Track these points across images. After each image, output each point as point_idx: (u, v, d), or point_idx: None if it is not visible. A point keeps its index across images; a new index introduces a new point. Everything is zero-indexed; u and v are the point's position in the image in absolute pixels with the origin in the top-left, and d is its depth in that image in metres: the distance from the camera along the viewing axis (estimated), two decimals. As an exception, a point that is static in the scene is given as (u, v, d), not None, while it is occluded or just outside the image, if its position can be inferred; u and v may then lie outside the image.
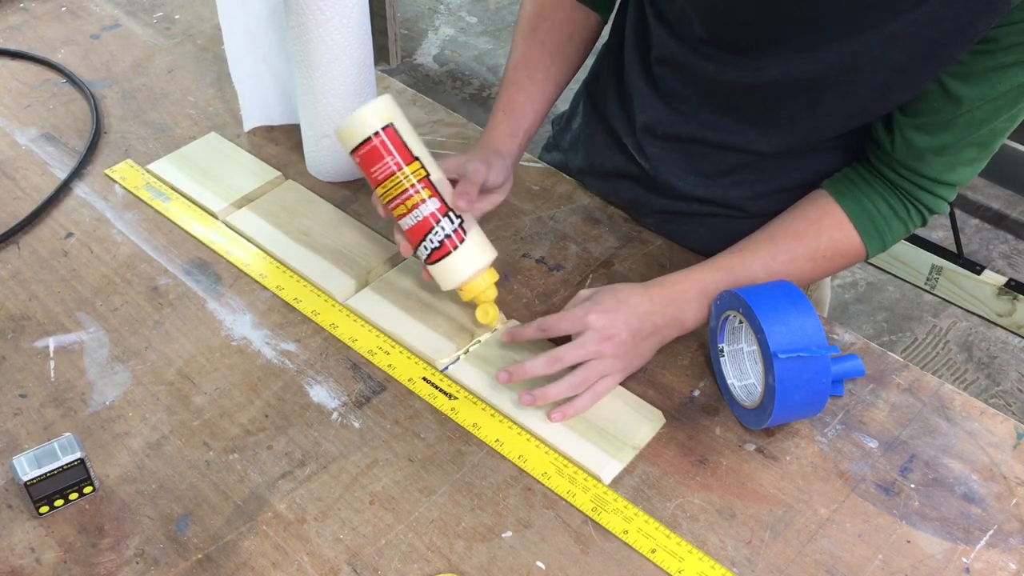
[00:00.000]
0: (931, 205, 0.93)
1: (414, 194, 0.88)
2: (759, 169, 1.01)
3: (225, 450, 0.86)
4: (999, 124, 0.86)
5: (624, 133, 1.09)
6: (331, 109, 1.06)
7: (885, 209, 0.93)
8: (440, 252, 0.90)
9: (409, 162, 0.88)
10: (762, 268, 0.93)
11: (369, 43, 1.06)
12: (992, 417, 0.91)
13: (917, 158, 0.89)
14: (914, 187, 0.92)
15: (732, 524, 0.82)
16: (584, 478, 0.84)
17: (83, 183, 1.12)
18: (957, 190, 0.93)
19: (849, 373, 0.88)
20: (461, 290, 0.92)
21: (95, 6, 1.41)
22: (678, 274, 0.93)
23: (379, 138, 0.87)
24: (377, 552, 0.79)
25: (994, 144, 0.89)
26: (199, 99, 1.25)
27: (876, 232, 0.93)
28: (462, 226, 0.90)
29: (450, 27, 3.24)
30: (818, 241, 0.93)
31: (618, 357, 0.88)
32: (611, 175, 1.12)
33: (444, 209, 0.89)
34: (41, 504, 0.80)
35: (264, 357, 0.94)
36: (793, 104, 0.93)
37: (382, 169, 0.88)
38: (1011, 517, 0.83)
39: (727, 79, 0.94)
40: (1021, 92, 0.83)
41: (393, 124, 0.88)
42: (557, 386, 0.87)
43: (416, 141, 0.90)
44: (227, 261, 1.04)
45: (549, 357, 0.88)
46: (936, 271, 2.30)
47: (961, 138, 0.87)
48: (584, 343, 0.87)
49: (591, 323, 0.88)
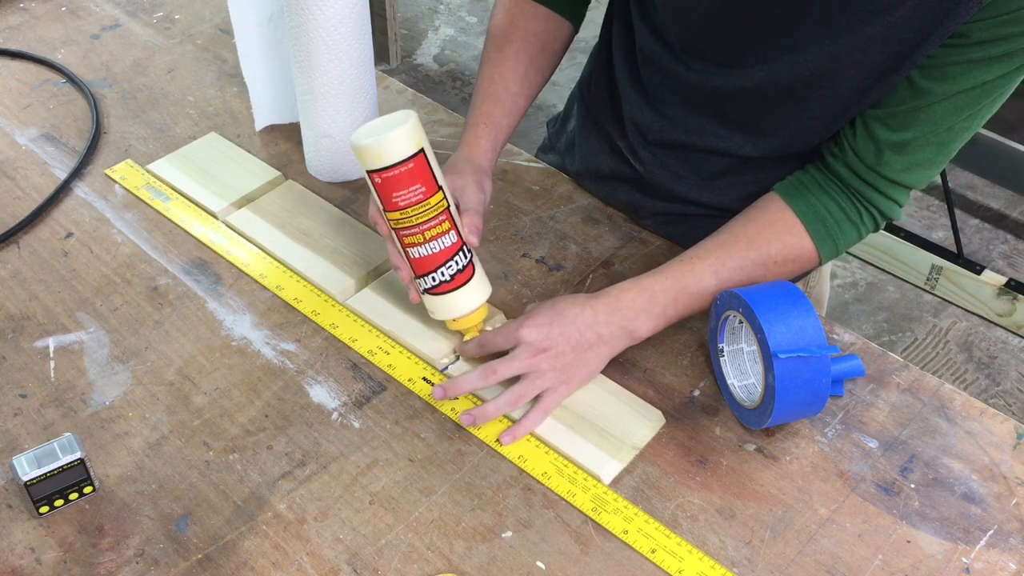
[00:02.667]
0: (884, 209, 0.92)
1: (436, 225, 0.85)
2: (753, 170, 1.01)
3: (225, 450, 0.86)
4: (958, 123, 0.85)
5: (617, 136, 1.09)
6: (331, 109, 1.06)
7: (837, 212, 0.92)
8: (449, 285, 0.88)
9: (434, 192, 0.84)
10: (712, 275, 0.91)
11: (369, 43, 1.06)
12: (992, 417, 0.91)
13: (876, 155, 0.89)
14: (869, 188, 0.91)
15: (732, 524, 0.82)
16: (584, 478, 0.84)
17: (83, 183, 1.12)
18: (908, 195, 0.92)
19: (849, 373, 0.88)
20: (454, 321, 0.91)
21: (95, 6, 1.41)
22: (626, 283, 0.92)
23: (408, 164, 0.82)
24: (377, 552, 0.79)
25: (952, 146, 0.88)
26: (199, 99, 1.25)
27: (829, 236, 0.92)
28: (472, 262, 0.89)
29: (450, 27, 3.24)
30: (769, 247, 0.92)
31: (557, 370, 0.87)
32: (608, 178, 1.12)
33: (460, 243, 0.88)
34: (41, 504, 0.80)
35: (264, 357, 0.94)
36: (777, 109, 0.93)
37: (406, 196, 0.83)
38: (1011, 517, 0.83)
39: (710, 86, 0.94)
40: (984, 91, 0.83)
41: (424, 150, 0.84)
42: (494, 403, 0.87)
43: (438, 167, 0.86)
44: (227, 261, 1.04)
45: (483, 369, 0.87)
46: (936, 271, 2.30)
47: (920, 134, 0.86)
48: (517, 356, 0.87)
49: (523, 336, 0.87)
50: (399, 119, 0.84)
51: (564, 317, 0.88)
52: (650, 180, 1.06)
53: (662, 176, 1.05)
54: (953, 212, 2.24)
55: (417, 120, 0.84)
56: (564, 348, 0.87)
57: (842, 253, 0.95)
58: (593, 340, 0.88)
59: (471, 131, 1.01)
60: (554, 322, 0.88)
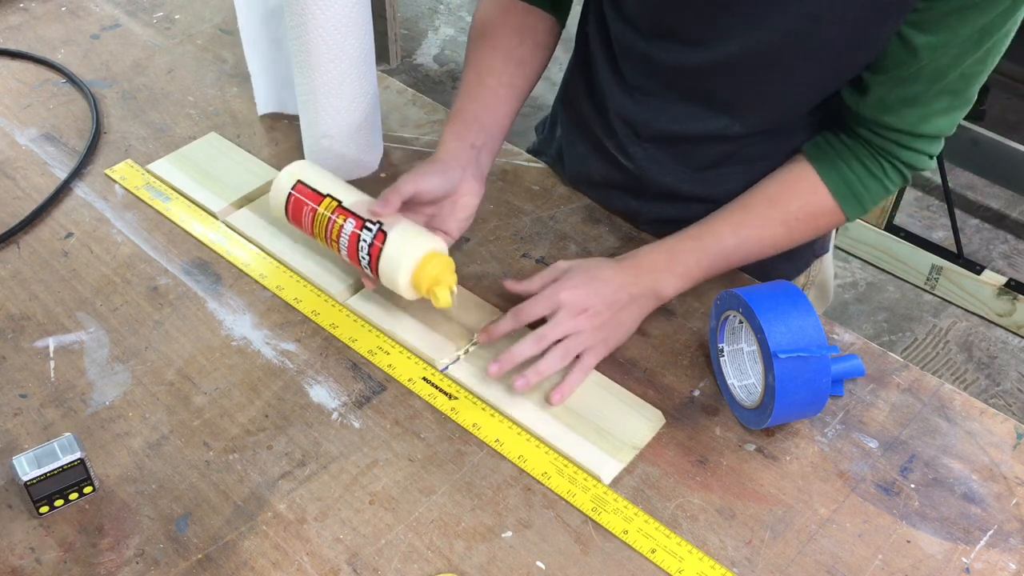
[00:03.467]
0: (910, 160, 0.91)
1: (334, 222, 0.94)
2: (743, 159, 1.00)
3: (225, 450, 0.86)
4: (967, 69, 0.84)
5: (604, 135, 1.08)
6: (331, 109, 1.06)
7: (859, 169, 0.92)
8: (373, 261, 0.91)
9: (319, 201, 0.95)
10: (732, 233, 0.94)
11: (370, 43, 1.05)
12: (992, 417, 0.91)
13: (888, 112, 0.88)
14: (889, 143, 0.91)
15: (732, 524, 0.82)
16: (584, 478, 0.84)
17: (83, 183, 1.12)
18: (941, 142, 0.91)
19: (849, 373, 0.88)
20: (415, 290, 0.91)
21: (95, 6, 1.41)
22: (650, 245, 0.96)
23: (293, 195, 0.97)
24: (377, 552, 0.79)
25: (968, 90, 0.87)
26: (199, 99, 1.25)
27: (851, 193, 0.93)
28: (381, 230, 0.91)
29: (450, 27, 3.24)
30: (790, 204, 0.94)
31: (596, 329, 0.90)
32: (601, 185, 1.12)
33: (361, 223, 0.92)
34: (41, 504, 0.80)
35: (264, 357, 0.94)
36: (757, 80, 0.92)
37: (307, 218, 0.96)
38: (1011, 517, 0.83)
39: (687, 66, 0.94)
40: (983, 35, 0.81)
41: (301, 180, 0.97)
42: (545, 361, 0.89)
43: (328, 181, 0.97)
44: (227, 261, 1.04)
45: (535, 337, 0.89)
46: (936, 271, 2.30)
47: (929, 87, 0.85)
48: (561, 320, 0.89)
49: (563, 301, 0.90)
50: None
51: (599, 280, 0.92)
52: (641, 178, 1.06)
53: (653, 171, 1.05)
54: (953, 212, 2.25)
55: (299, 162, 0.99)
56: (601, 308, 0.91)
57: (871, 209, 0.95)
58: (626, 300, 0.92)
59: (443, 132, 1.01)
60: (590, 284, 0.91)
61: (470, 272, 1.03)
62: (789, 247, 0.98)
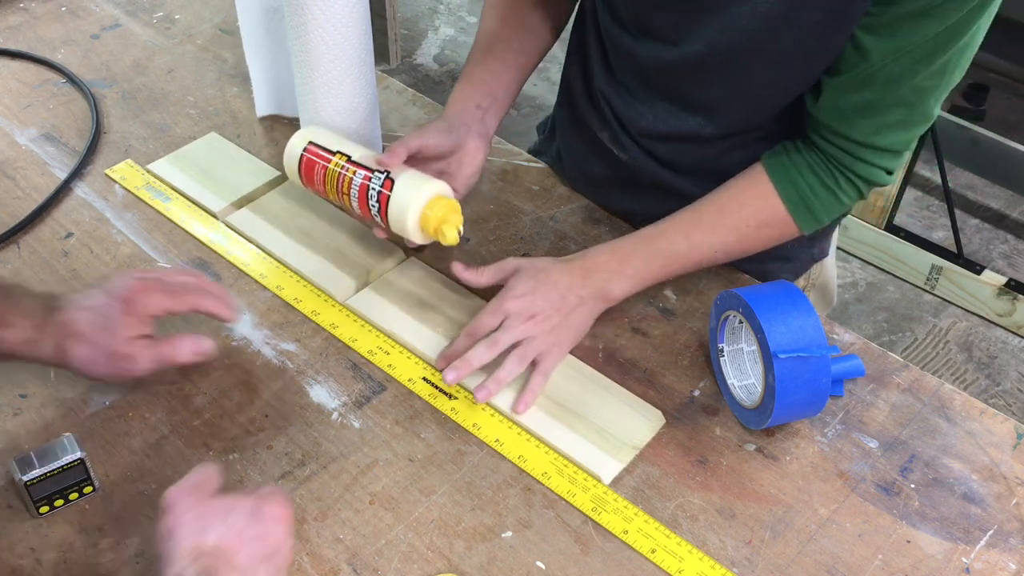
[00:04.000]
0: (864, 174, 0.90)
1: (344, 176, 0.95)
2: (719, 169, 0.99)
3: (225, 450, 0.86)
4: (922, 82, 0.83)
5: (599, 128, 1.08)
6: (331, 109, 1.06)
7: (812, 179, 0.92)
8: (383, 207, 0.93)
9: (330, 158, 0.97)
10: (684, 238, 0.94)
11: (370, 43, 1.05)
12: (992, 417, 0.91)
13: (842, 120, 0.88)
14: (842, 153, 0.90)
15: (732, 524, 0.82)
16: (584, 478, 0.84)
17: (83, 183, 1.12)
18: (900, 158, 0.90)
19: (849, 373, 0.88)
20: (423, 232, 0.93)
21: (95, 6, 1.41)
22: (600, 247, 0.96)
23: (305, 156, 0.99)
24: (377, 552, 0.79)
25: (923, 104, 0.86)
26: (199, 99, 1.25)
27: (802, 201, 0.92)
28: (389, 177, 0.93)
29: (450, 27, 3.24)
30: (741, 211, 0.94)
31: (548, 333, 0.91)
32: (599, 182, 1.12)
33: (369, 174, 0.94)
34: (41, 504, 0.80)
35: (264, 357, 0.94)
36: (722, 80, 0.93)
37: (319, 175, 0.97)
38: (1011, 517, 0.83)
39: (661, 63, 0.95)
40: (937, 45, 0.81)
41: (312, 141, 0.99)
42: (503, 369, 0.89)
43: (336, 140, 0.99)
44: (227, 261, 1.04)
45: (488, 342, 0.90)
46: (936, 271, 2.30)
47: (882, 96, 0.85)
48: (510, 326, 0.90)
49: (509, 309, 0.91)
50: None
51: (545, 284, 0.92)
52: (635, 169, 1.06)
53: (648, 166, 1.05)
54: (953, 212, 2.25)
55: (308, 127, 1.02)
56: (550, 312, 0.91)
57: (825, 222, 0.94)
58: (575, 303, 0.92)
59: (453, 89, 1.05)
60: (536, 290, 0.92)
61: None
62: (743, 255, 0.97)
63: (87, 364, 0.83)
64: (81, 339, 0.82)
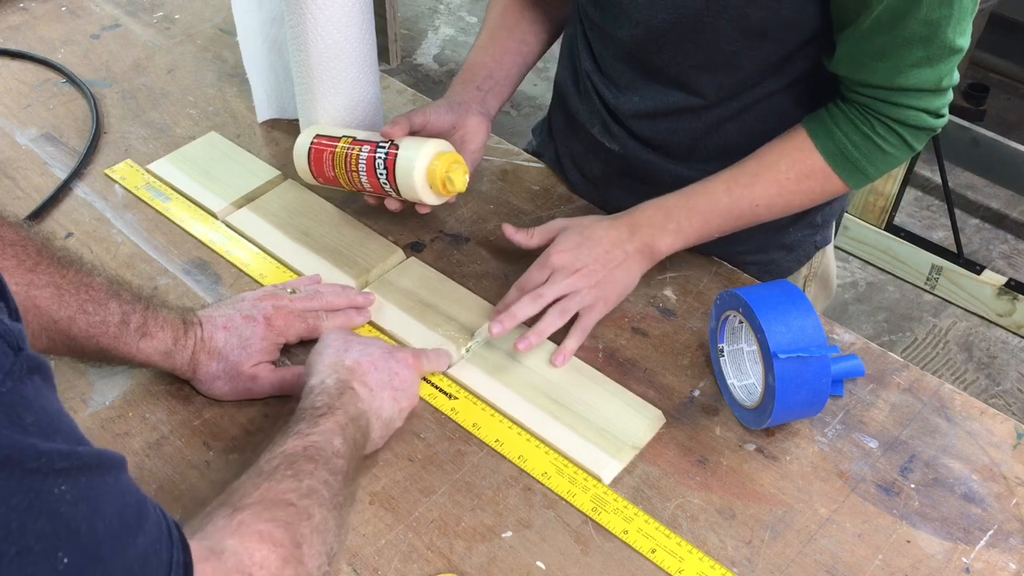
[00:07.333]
0: (900, 117, 0.89)
1: (351, 152, 0.99)
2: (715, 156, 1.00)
3: (225, 450, 0.86)
4: (929, 14, 0.81)
5: (590, 123, 1.09)
6: (331, 109, 1.06)
7: (847, 127, 0.91)
8: (390, 172, 0.96)
9: (336, 142, 1.02)
10: (725, 193, 0.95)
11: (372, 42, 1.05)
12: (992, 417, 0.91)
13: (861, 68, 0.87)
14: (871, 100, 0.89)
15: (732, 524, 0.82)
16: (584, 478, 0.84)
17: (83, 183, 1.12)
18: (942, 96, 0.89)
19: (849, 373, 0.88)
20: (431, 188, 0.96)
21: (95, 6, 1.41)
22: (646, 203, 0.98)
23: (313, 146, 1.03)
24: (377, 552, 0.79)
25: (940, 38, 0.83)
26: (199, 99, 1.25)
27: (839, 152, 0.92)
28: (393, 144, 0.97)
29: (450, 27, 3.24)
30: (779, 164, 0.94)
31: (593, 287, 0.93)
32: (599, 182, 1.12)
33: (375, 147, 0.98)
34: (41, 504, 0.80)
35: (264, 357, 0.94)
36: (694, 47, 0.93)
37: (328, 161, 1.01)
38: (1011, 517, 0.83)
39: (634, 38, 0.96)
40: None
41: (319, 133, 1.03)
42: (544, 321, 0.91)
43: (340, 129, 1.04)
44: (227, 261, 1.04)
45: (532, 296, 0.92)
46: (936, 271, 2.30)
47: (893, 37, 0.83)
48: (556, 281, 0.92)
49: (555, 263, 0.93)
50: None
51: (591, 239, 0.94)
52: (626, 157, 1.06)
53: (638, 151, 1.05)
54: (953, 212, 2.25)
55: (309, 129, 1.05)
56: (595, 267, 0.93)
57: (873, 174, 0.93)
58: (621, 258, 0.94)
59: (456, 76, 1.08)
60: (582, 245, 0.94)
61: (470, 272, 1.03)
62: (788, 210, 0.97)
63: (209, 379, 0.87)
64: (216, 356, 0.86)
